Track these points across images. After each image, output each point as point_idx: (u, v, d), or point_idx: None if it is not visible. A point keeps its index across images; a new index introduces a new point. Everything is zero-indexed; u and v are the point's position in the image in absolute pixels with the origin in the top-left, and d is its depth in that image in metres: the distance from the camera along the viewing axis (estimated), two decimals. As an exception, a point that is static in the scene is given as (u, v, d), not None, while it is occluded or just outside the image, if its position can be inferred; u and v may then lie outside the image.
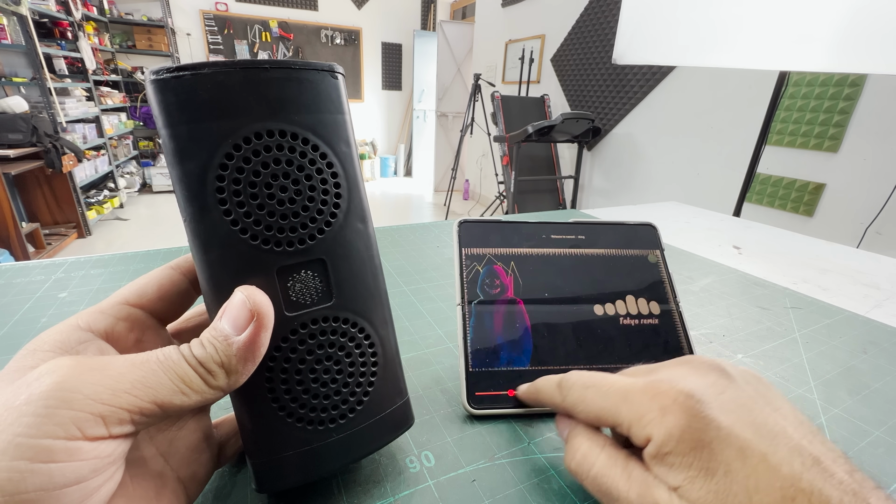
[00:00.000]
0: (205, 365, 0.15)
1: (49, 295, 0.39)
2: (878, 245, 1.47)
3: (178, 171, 0.15)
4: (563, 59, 2.85)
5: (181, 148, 0.15)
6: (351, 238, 0.18)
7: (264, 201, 0.16)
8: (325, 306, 0.17)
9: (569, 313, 0.29)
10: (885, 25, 0.72)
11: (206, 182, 0.15)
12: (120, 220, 3.39)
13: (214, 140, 0.15)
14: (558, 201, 2.88)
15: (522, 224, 0.31)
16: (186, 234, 0.16)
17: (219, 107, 0.15)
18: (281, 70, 0.16)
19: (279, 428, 0.17)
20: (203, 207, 0.15)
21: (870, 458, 0.24)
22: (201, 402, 0.15)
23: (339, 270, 0.18)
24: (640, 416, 0.17)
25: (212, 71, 0.15)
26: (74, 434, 0.12)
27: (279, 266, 0.16)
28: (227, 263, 0.16)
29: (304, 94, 0.16)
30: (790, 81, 1.62)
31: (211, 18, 4.45)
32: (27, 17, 2.47)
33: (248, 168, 0.15)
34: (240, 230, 0.15)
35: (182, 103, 0.15)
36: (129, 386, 0.13)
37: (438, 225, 0.63)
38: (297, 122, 0.16)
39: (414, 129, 5.14)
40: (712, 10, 0.95)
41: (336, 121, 0.17)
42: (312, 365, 0.17)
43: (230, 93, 0.15)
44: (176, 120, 0.15)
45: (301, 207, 0.16)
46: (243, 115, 0.15)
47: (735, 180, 1.80)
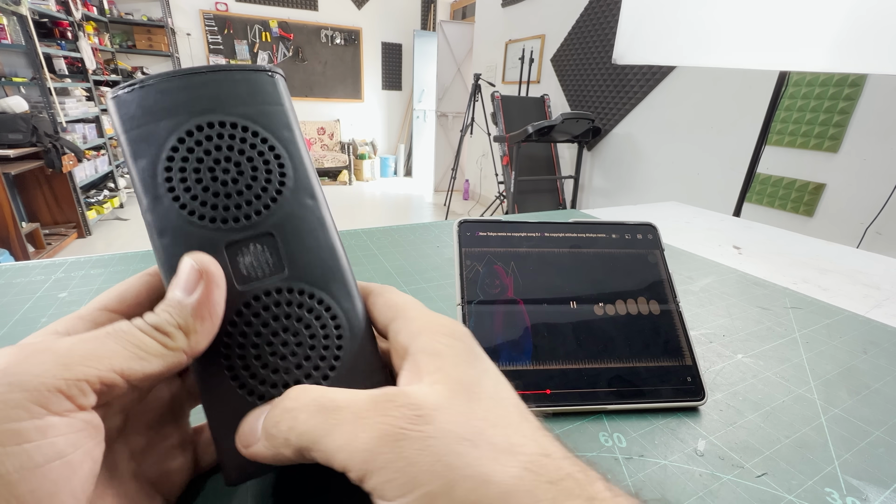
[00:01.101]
0: (160, 328, 0.15)
1: (49, 295, 0.39)
2: (878, 245, 1.47)
3: (134, 169, 0.17)
4: (563, 59, 2.85)
5: (134, 149, 0.17)
6: (300, 213, 0.19)
7: (208, 183, 0.17)
8: (278, 277, 0.18)
9: (569, 313, 0.29)
10: (885, 25, 0.72)
11: (156, 174, 0.17)
12: (120, 220, 3.39)
13: (161, 137, 0.17)
14: (558, 201, 2.88)
15: (522, 224, 0.31)
16: (146, 226, 0.17)
17: (163, 109, 0.17)
18: (218, 73, 0.18)
19: (241, 407, 0.17)
20: (155, 197, 0.17)
21: (870, 458, 0.25)
22: (165, 365, 0.15)
23: (290, 243, 0.18)
24: (417, 321, 0.18)
25: (156, 81, 0.17)
26: (39, 412, 0.12)
27: (227, 241, 0.17)
28: (178, 244, 0.17)
29: (239, 90, 0.18)
30: (790, 81, 1.62)
31: (211, 18, 4.45)
32: (27, 17, 2.47)
33: (192, 156, 0.17)
34: (188, 212, 0.17)
35: (133, 112, 0.17)
36: (80, 359, 0.13)
37: (438, 225, 0.63)
38: (235, 113, 0.18)
39: (414, 129, 5.14)
40: (712, 10, 0.95)
41: (275, 111, 0.19)
42: (269, 337, 0.17)
43: (172, 96, 0.17)
44: (129, 126, 0.17)
45: (244, 186, 0.18)
46: (184, 113, 0.17)
47: (735, 180, 1.80)
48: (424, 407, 0.14)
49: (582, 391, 0.27)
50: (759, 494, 0.22)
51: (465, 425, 0.14)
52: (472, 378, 0.16)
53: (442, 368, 0.16)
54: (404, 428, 0.13)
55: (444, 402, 0.14)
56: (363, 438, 0.13)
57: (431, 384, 0.15)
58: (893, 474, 0.23)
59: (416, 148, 5.20)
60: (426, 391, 0.15)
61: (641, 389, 0.27)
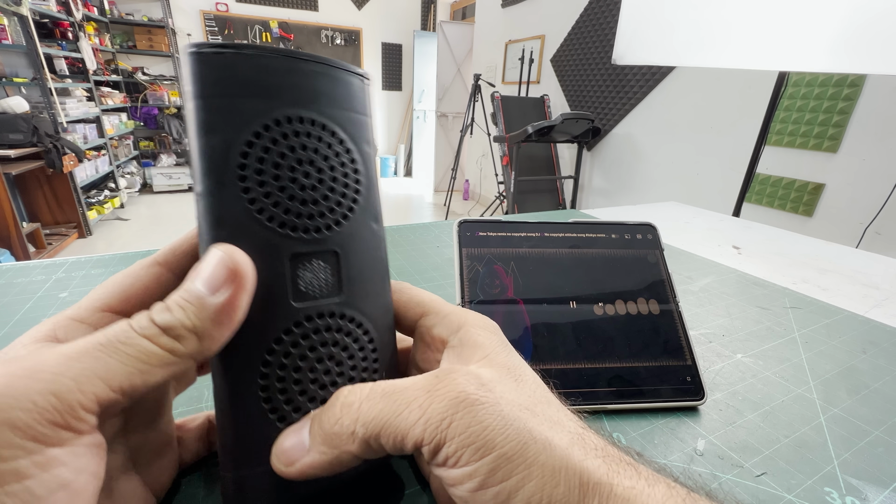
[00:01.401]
0: (171, 331, 0.13)
1: (50, 295, 0.39)
2: (877, 245, 1.47)
3: (201, 142, 0.15)
4: (562, 59, 2.85)
5: (208, 120, 0.15)
6: (365, 236, 0.17)
7: (286, 183, 0.15)
8: (334, 301, 0.16)
9: (569, 313, 0.29)
10: (885, 26, 0.72)
11: (229, 157, 0.15)
12: (120, 220, 3.39)
13: (245, 117, 0.15)
14: (558, 201, 2.88)
15: (522, 224, 0.31)
16: (197, 209, 0.15)
17: (255, 87, 0.15)
18: (319, 65, 0.16)
19: (267, 432, 0.15)
20: (221, 182, 0.15)
21: (869, 458, 0.25)
22: (170, 375, 0.13)
23: (351, 266, 0.17)
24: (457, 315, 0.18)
25: (254, 52, 0.15)
26: (36, 448, 0.11)
27: (293, 251, 0.16)
28: (239, 242, 0.15)
29: (337, 91, 0.17)
30: (790, 81, 1.62)
31: (211, 19, 4.45)
32: (28, 18, 2.47)
33: (275, 149, 0.15)
34: (257, 210, 0.15)
35: (218, 77, 0.15)
36: (71, 384, 0.12)
37: (438, 225, 0.63)
38: (329, 115, 0.16)
39: (414, 129, 5.14)
40: (712, 11, 0.95)
41: (362, 121, 0.18)
42: (313, 363, 0.16)
43: (268, 75, 0.15)
44: (209, 92, 0.15)
45: (321, 196, 0.16)
46: (277, 99, 0.15)
47: (735, 180, 1.80)
48: (483, 377, 0.15)
49: (582, 391, 0.27)
50: (758, 494, 0.22)
51: (521, 397, 0.15)
52: (514, 364, 0.17)
53: (487, 356, 0.16)
54: (473, 393, 0.14)
55: (497, 378, 0.15)
56: (436, 407, 0.14)
57: (480, 367, 0.16)
58: (893, 474, 0.24)
59: (416, 148, 5.20)
60: (479, 369, 0.16)
61: (641, 389, 0.27)
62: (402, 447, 0.14)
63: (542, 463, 0.13)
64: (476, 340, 0.17)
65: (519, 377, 0.16)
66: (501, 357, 0.17)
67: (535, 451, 0.13)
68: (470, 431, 0.13)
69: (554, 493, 0.12)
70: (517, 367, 0.17)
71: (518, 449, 0.13)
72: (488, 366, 0.16)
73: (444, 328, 0.18)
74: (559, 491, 0.12)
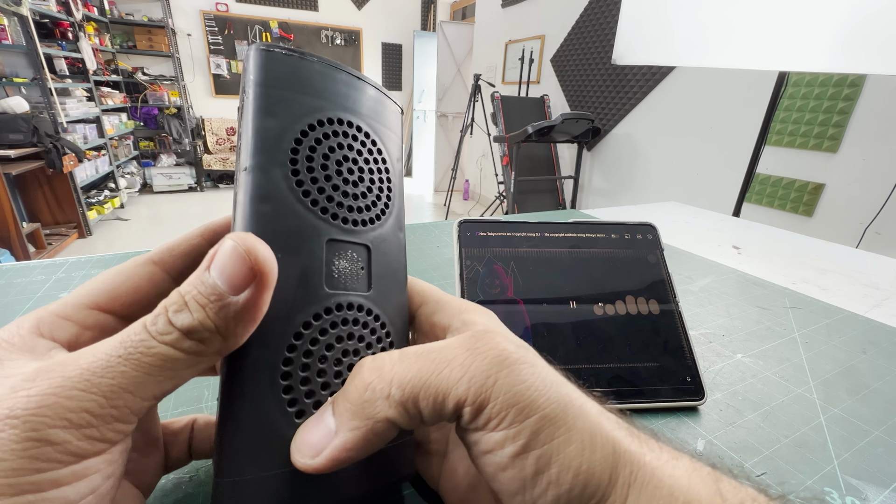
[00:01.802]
0: (194, 334, 0.12)
1: (50, 295, 0.39)
2: (877, 245, 1.47)
3: (258, 123, 0.15)
4: (563, 59, 2.85)
5: (269, 106, 0.16)
6: (391, 241, 0.18)
7: (332, 173, 0.16)
8: (363, 294, 0.17)
9: (569, 313, 0.29)
10: (885, 26, 0.72)
11: (283, 140, 0.16)
12: (120, 221, 3.39)
13: (303, 110, 0.16)
14: (558, 201, 2.88)
15: (522, 224, 0.31)
16: (239, 185, 0.15)
17: (314, 88, 0.17)
18: (369, 86, 0.19)
19: (283, 431, 0.14)
20: (272, 160, 0.15)
21: (869, 458, 0.25)
22: (199, 371, 0.13)
23: (380, 264, 0.18)
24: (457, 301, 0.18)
25: (316, 60, 0.17)
26: (74, 461, 0.11)
27: (331, 236, 0.16)
28: (282, 217, 0.15)
29: (379, 108, 0.19)
30: (790, 81, 1.62)
31: (211, 19, 4.45)
32: (28, 18, 2.47)
33: (326, 142, 0.16)
34: (302, 191, 0.16)
35: (282, 73, 0.16)
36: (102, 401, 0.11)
37: (438, 225, 0.63)
38: (373, 126, 0.18)
39: (414, 129, 5.14)
40: (712, 11, 0.95)
41: (396, 140, 0.20)
42: (339, 355, 0.15)
43: (326, 81, 0.17)
44: (273, 83, 0.16)
45: (361, 192, 0.17)
46: (332, 102, 0.17)
47: (735, 180, 1.79)
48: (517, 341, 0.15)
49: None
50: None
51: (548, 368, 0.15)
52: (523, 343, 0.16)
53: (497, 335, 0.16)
54: (515, 352, 0.14)
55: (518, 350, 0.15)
56: (479, 365, 0.13)
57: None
58: (893, 474, 0.24)
59: (416, 148, 5.20)
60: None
61: (641, 389, 0.27)
62: (443, 408, 0.13)
63: (581, 427, 0.13)
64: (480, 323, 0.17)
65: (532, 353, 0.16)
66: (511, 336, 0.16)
67: (574, 415, 0.13)
68: (515, 391, 0.13)
69: (592, 459, 0.12)
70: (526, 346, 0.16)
71: (559, 412, 0.13)
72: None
73: (444, 315, 0.18)
74: (596, 457, 0.12)
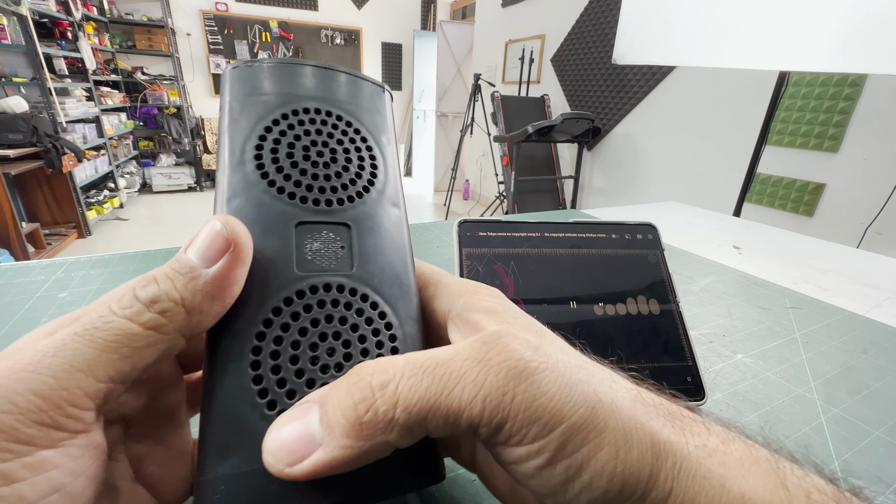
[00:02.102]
0: (155, 305, 0.12)
1: (49, 295, 0.39)
2: (878, 245, 1.47)
3: (229, 131, 0.17)
4: (563, 59, 2.85)
5: (235, 115, 0.17)
6: (383, 218, 0.18)
7: (298, 160, 0.17)
8: (343, 273, 0.16)
9: (569, 313, 0.29)
10: (885, 25, 0.72)
11: (249, 140, 0.16)
12: (120, 220, 3.39)
13: (266, 108, 0.17)
14: (558, 201, 2.88)
15: (522, 224, 0.31)
16: (216, 187, 0.17)
17: (277, 87, 0.17)
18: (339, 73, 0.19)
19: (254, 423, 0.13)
20: (241, 161, 0.16)
21: (870, 458, 0.24)
22: (161, 352, 0.12)
23: (365, 242, 0.17)
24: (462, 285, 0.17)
25: (276, 62, 0.18)
26: (25, 450, 0.10)
27: (299, 220, 0.16)
28: (248, 209, 0.16)
29: (355, 91, 0.19)
30: (790, 81, 1.62)
31: (211, 18, 4.45)
32: (27, 17, 2.47)
33: (290, 132, 0.17)
34: (268, 182, 0.16)
35: (250, 82, 0.17)
36: (51, 382, 0.11)
37: (438, 225, 0.63)
38: (345, 109, 0.18)
39: (414, 129, 5.14)
40: (712, 10, 0.95)
41: (380, 119, 0.19)
42: (315, 339, 0.14)
43: (294, 78, 0.18)
44: (240, 95, 0.17)
45: (334, 173, 0.17)
46: (299, 95, 0.17)
47: (735, 180, 1.79)
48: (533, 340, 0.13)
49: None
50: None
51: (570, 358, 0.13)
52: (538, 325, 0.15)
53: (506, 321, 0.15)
54: (532, 360, 0.12)
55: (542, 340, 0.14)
56: (493, 380, 0.12)
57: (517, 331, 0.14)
58: (893, 474, 0.23)
59: (416, 148, 5.20)
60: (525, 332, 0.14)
61: (641, 389, 0.27)
62: (455, 428, 0.12)
63: (613, 427, 0.12)
64: (486, 306, 0.15)
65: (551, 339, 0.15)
66: (522, 320, 0.15)
67: (605, 416, 0.12)
68: (536, 405, 0.12)
69: (628, 459, 0.11)
70: (541, 328, 0.15)
71: (587, 416, 0.12)
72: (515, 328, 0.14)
73: (445, 299, 0.17)
74: (632, 456, 0.11)
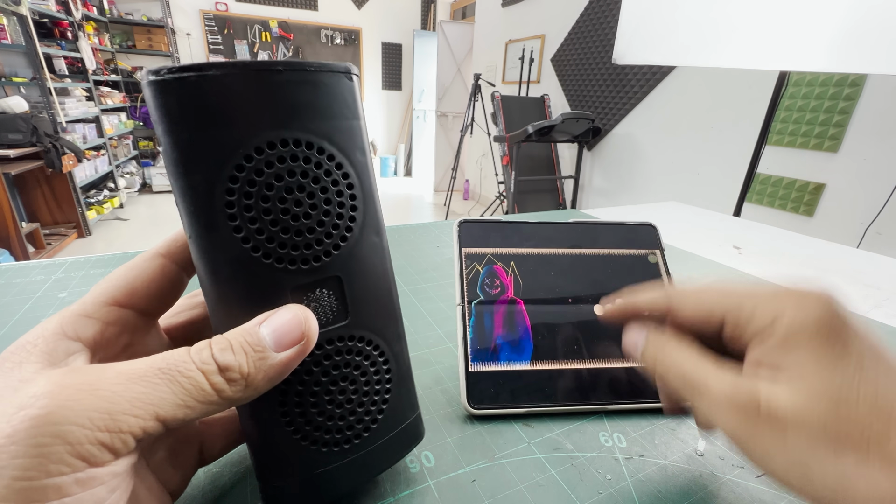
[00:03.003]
0: (227, 373, 0.13)
1: (49, 295, 0.39)
2: (878, 245, 1.47)
3: (183, 183, 0.14)
4: (563, 59, 2.85)
5: (186, 158, 0.13)
6: (366, 253, 0.17)
7: (277, 217, 0.14)
8: (341, 325, 0.17)
9: (569, 313, 0.29)
10: (885, 25, 0.72)
11: (215, 196, 0.14)
12: (120, 220, 3.39)
13: (224, 150, 0.14)
14: (558, 201, 2.88)
15: (522, 224, 0.31)
16: (191, 251, 0.15)
17: (228, 113, 0.13)
18: (295, 72, 0.14)
19: (292, 451, 0.17)
20: (211, 224, 0.14)
21: (870, 458, 0.24)
22: (207, 414, 0.13)
23: (355, 288, 0.17)
24: (769, 308, 0.15)
25: (220, 73, 0.13)
26: (80, 466, 0.11)
27: (294, 285, 0.15)
28: (238, 283, 0.15)
29: (319, 99, 0.15)
30: (790, 81, 1.62)
31: (211, 18, 4.45)
32: (27, 17, 2.47)
33: (261, 181, 0.14)
34: (251, 248, 0.14)
35: (186, 108, 0.13)
36: (127, 406, 0.12)
37: (438, 225, 0.63)
38: (313, 129, 0.15)
39: (414, 129, 5.14)
40: (712, 10, 0.95)
41: (352, 127, 0.16)
42: (328, 386, 0.17)
43: (240, 97, 0.14)
44: (179, 127, 0.13)
45: (316, 223, 0.15)
46: (255, 123, 0.14)
47: (735, 180, 1.79)
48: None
49: (582, 391, 0.27)
50: (759, 494, 0.22)
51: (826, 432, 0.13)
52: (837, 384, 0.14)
53: (792, 381, 0.14)
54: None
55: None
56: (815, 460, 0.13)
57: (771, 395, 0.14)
58: (893, 474, 0.23)
59: (416, 148, 5.20)
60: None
61: (641, 389, 0.27)
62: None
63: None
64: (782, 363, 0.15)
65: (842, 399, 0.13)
66: (815, 379, 0.14)
67: (887, 367, 0.13)
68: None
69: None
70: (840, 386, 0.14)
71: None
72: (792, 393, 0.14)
73: (752, 336, 0.16)
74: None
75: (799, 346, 0.14)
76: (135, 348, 0.17)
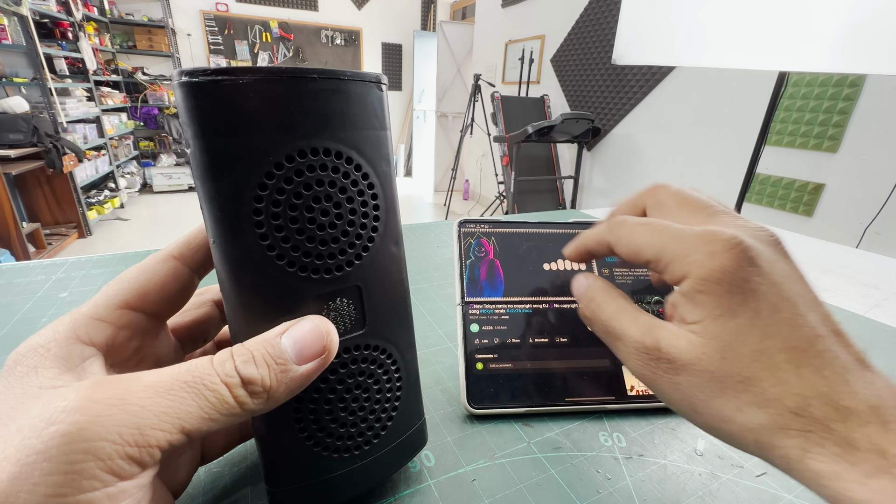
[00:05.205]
0: (250, 386, 0.13)
1: (50, 295, 0.39)
2: (877, 245, 1.47)
3: (210, 187, 0.13)
4: (563, 59, 2.85)
5: (216, 163, 0.13)
6: (386, 263, 0.17)
7: (304, 225, 0.14)
8: (358, 334, 0.17)
9: (569, 313, 0.29)
10: (885, 25, 0.72)
11: (243, 203, 0.14)
12: (120, 220, 3.39)
13: (255, 157, 0.13)
14: (558, 201, 2.88)
15: (522, 224, 0.31)
16: (214, 256, 0.15)
17: (261, 120, 0.13)
18: (329, 81, 0.14)
19: (304, 456, 0.17)
20: (237, 230, 0.14)
21: (869, 458, 0.25)
22: (227, 425, 0.13)
23: (373, 297, 0.17)
24: (686, 254, 0.16)
25: (255, 79, 0.13)
26: (111, 480, 0.11)
27: (315, 293, 0.15)
28: (261, 290, 0.14)
29: (350, 109, 0.15)
30: (790, 81, 1.62)
31: (211, 19, 4.45)
32: (28, 18, 2.47)
33: (290, 189, 0.14)
34: (276, 256, 0.14)
35: (219, 113, 0.13)
36: (155, 420, 0.12)
37: (438, 225, 0.63)
38: (343, 139, 0.15)
39: (414, 129, 5.14)
40: (712, 11, 0.95)
41: (379, 137, 0.16)
42: (343, 394, 0.17)
43: (274, 105, 0.13)
44: (211, 131, 0.13)
45: (341, 232, 0.15)
46: (287, 131, 0.14)
47: (735, 180, 1.79)
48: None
49: (582, 390, 0.27)
50: (758, 494, 0.22)
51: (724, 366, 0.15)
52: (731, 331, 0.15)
53: (701, 322, 0.15)
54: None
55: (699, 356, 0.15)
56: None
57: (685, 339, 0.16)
58: (892, 474, 0.23)
59: (416, 148, 5.20)
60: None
61: (641, 389, 0.27)
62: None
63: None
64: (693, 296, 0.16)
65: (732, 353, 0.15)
66: (709, 330, 0.15)
67: (782, 317, 0.14)
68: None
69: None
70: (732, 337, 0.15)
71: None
72: (689, 341, 0.15)
73: (670, 281, 0.17)
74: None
75: (702, 296, 0.15)
76: (145, 351, 0.17)
